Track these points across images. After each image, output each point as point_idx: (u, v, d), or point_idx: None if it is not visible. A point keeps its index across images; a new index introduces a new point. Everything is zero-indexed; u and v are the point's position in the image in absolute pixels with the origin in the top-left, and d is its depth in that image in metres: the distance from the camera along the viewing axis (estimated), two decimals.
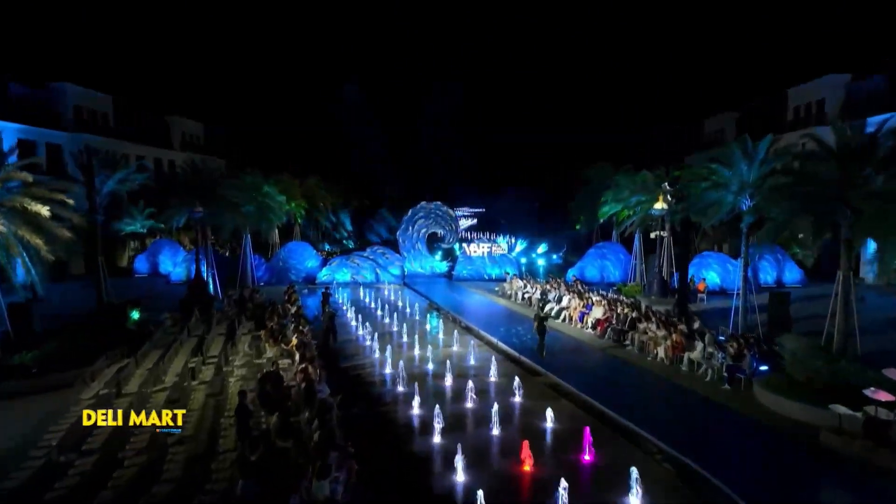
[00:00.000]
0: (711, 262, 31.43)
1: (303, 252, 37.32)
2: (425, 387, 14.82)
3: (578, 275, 35.14)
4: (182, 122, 57.72)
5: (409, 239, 39.10)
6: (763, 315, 20.15)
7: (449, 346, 19.52)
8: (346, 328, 22.51)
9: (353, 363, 17.64)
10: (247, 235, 34.79)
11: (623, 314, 20.56)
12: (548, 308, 25.20)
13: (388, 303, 28.56)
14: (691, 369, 16.47)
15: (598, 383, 15.55)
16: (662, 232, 23.88)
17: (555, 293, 25.99)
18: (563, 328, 22.64)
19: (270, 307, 21.89)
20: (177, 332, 19.92)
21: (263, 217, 34.78)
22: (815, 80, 39.90)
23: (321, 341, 20.02)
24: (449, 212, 39.29)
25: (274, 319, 19.30)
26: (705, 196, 19.42)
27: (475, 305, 28.94)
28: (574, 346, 20.19)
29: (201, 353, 17.02)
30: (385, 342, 19.28)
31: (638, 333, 19.07)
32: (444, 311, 26.67)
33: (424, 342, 19.71)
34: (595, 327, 21.45)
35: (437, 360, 17.36)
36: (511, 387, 14.15)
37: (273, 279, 35.98)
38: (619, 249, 36.02)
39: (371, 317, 24.96)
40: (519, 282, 30.29)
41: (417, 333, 20.71)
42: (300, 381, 12.83)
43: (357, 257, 36.77)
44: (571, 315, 23.22)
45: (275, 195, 35.43)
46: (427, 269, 39.19)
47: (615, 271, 35.54)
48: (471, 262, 38.13)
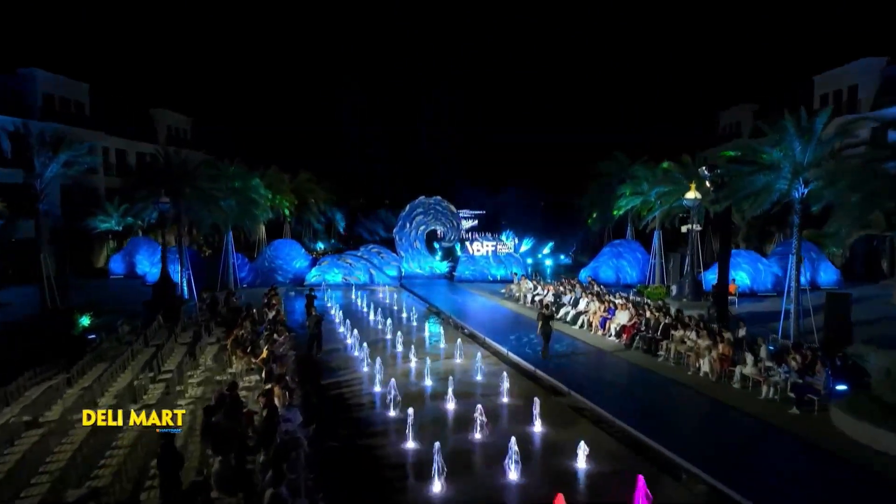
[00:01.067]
0: (740, 260, 28.71)
1: (290, 251, 34.64)
2: (423, 410, 12.15)
3: (592, 276, 32.45)
4: (168, 115, 55.22)
5: (406, 237, 36.43)
6: (806, 320, 17.57)
7: (451, 357, 16.84)
8: (333, 335, 19.85)
9: (337, 378, 14.94)
10: (228, 232, 32.14)
11: (653, 320, 17.86)
12: (562, 312, 22.54)
13: (383, 306, 25.88)
14: (744, 386, 13.79)
15: (634, 405, 12.88)
16: (696, 225, 21.24)
17: (570, 296, 23.31)
18: (582, 335, 19.95)
19: (245, 312, 19.23)
20: (133, 341, 17.22)
21: (247, 212, 32.16)
22: (847, 65, 37.29)
23: (306, 350, 17.47)
24: (450, 207, 36.64)
25: (245, 326, 16.61)
26: (751, 181, 16.73)
27: (480, 309, 26.26)
28: (597, 356, 17.51)
29: (157, 367, 14.35)
30: (377, 352, 16.63)
31: (674, 343, 16.38)
32: (444, 315, 24.00)
33: (422, 353, 17.07)
34: (620, 335, 18.77)
35: (436, 374, 14.68)
36: (529, 411, 11.48)
37: (258, 280, 33.30)
38: (636, 247, 33.34)
39: (363, 322, 22.30)
40: (528, 283, 27.62)
41: (414, 342, 18.09)
42: (262, 407, 10.14)
43: (350, 257, 34.09)
44: (591, 320, 20.53)
45: (260, 188, 32.80)
46: (426, 269, 36.51)
47: (632, 272, 32.85)
48: (474, 261, 35.45)
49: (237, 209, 31.53)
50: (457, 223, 36.69)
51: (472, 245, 35.68)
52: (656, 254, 31.37)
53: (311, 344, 17.76)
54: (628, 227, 38.03)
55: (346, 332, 19.98)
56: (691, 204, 20.00)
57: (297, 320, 21.80)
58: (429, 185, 54.87)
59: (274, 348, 14.13)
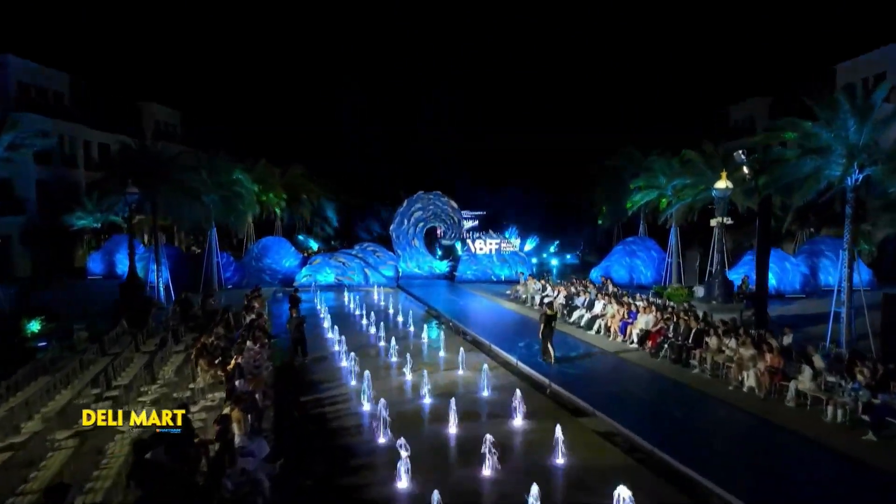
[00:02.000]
0: None
1: (279, 249, 32.60)
2: (419, 437, 10.10)
3: (601, 275, 30.40)
4: (157, 109, 53.30)
5: (404, 235, 34.38)
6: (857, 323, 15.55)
7: (452, 368, 14.78)
8: (321, 342, 17.82)
9: (319, 394, 12.89)
10: (212, 229, 30.12)
11: (683, 325, 15.81)
12: (576, 315, 20.50)
13: (378, 309, 23.84)
14: (800, 405, 11.75)
15: (673, 429, 10.83)
16: (727, 219, 19.17)
17: (583, 297, 21.25)
18: (599, 342, 17.91)
19: (220, 316, 17.23)
20: (88, 349, 15.16)
21: (232, 208, 30.15)
22: (875, 50, 35.26)
23: (288, 358, 15.51)
24: (450, 203, 34.57)
25: (217, 332, 14.58)
26: (797, 166, 14.67)
27: (483, 312, 24.23)
28: (619, 367, 15.45)
29: (106, 381, 12.31)
30: (368, 362, 14.64)
31: (709, 352, 14.32)
32: (445, 319, 21.98)
33: (420, 363, 15.05)
34: (643, 341, 16.73)
35: (436, 389, 12.64)
36: (548, 438, 9.43)
37: (244, 281, 31.27)
38: (650, 245, 31.27)
39: (354, 327, 20.27)
40: (535, 283, 25.56)
41: (411, 350, 16.05)
42: (214, 438, 8.11)
43: (343, 256, 32.04)
44: (609, 325, 18.48)
45: (246, 182, 30.76)
46: (425, 269, 34.47)
47: (647, 271, 30.80)
48: (476, 261, 33.40)
49: (221, 204, 29.58)
50: (458, 220, 34.64)
51: (475, 243, 33.63)
52: (672, 252, 29.35)
53: (294, 350, 15.78)
54: (641, 224, 36.05)
55: (335, 337, 17.96)
56: (721, 195, 17.95)
57: (282, 325, 19.73)
58: (429, 184, 53.12)
59: (243, 359, 12.08)
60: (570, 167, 51.47)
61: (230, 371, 11.17)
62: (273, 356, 15.80)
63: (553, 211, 52.22)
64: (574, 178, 48.04)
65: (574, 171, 49.27)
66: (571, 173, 50.07)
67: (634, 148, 35.28)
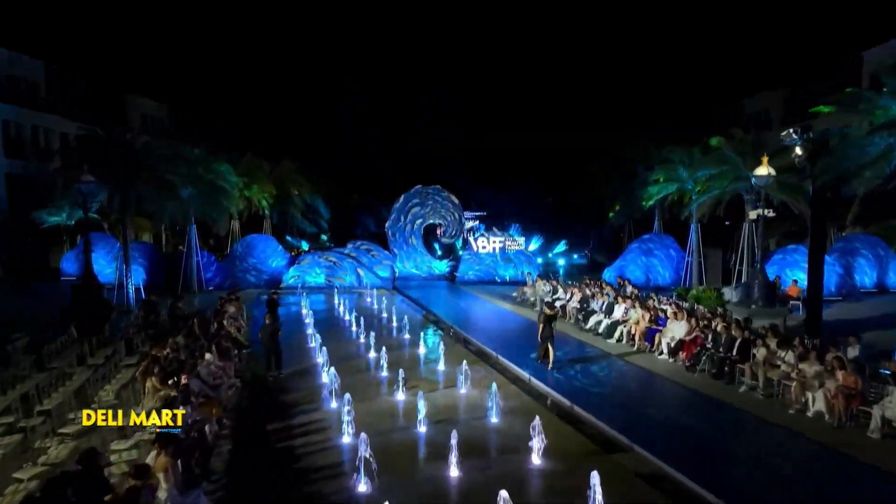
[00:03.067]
0: (798, 257, 24.42)
1: (265, 247, 30.37)
2: (409, 484, 7.89)
3: (615, 275, 28.20)
4: (142, 102, 51.17)
5: (400, 232, 32.16)
6: None
7: (453, 385, 12.54)
8: (302, 353, 15.58)
9: (290, 420, 10.65)
10: (191, 226, 27.94)
11: (725, 334, 13.59)
12: (592, 321, 18.28)
13: (370, 314, 21.71)
14: (887, 435, 9.52)
15: (739, 470, 8.62)
16: (769, 210, 16.96)
17: (601, 301, 19.02)
18: (622, 352, 15.68)
19: (183, 323, 15.03)
20: (23, 362, 12.91)
21: (213, 202, 27.94)
22: None
23: (262, 372, 13.32)
24: (451, 198, 32.35)
25: (174, 343, 12.34)
26: (863, 147, 12.45)
27: (488, 317, 22.02)
28: (651, 384, 13.23)
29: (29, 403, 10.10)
30: (354, 378, 12.46)
31: (760, 368, 12.10)
32: (445, 325, 19.78)
33: (415, 378, 12.85)
34: (675, 352, 14.51)
35: (434, 414, 10.42)
36: (579, 485, 7.18)
37: (227, 281, 29.06)
38: (669, 242, 29.02)
39: (342, 335, 18.07)
40: (545, 285, 23.32)
41: (406, 362, 13.87)
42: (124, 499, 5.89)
43: (334, 255, 29.81)
44: (634, 333, 16.25)
45: (229, 175, 28.54)
46: (423, 269, 32.25)
47: (664, 272, 28.58)
48: (479, 260, 31.18)
49: (200, 198, 27.37)
50: (458, 216, 32.40)
51: (477, 241, 31.41)
52: (693, 250, 27.13)
53: (268, 363, 13.56)
54: (656, 220, 33.84)
55: (318, 347, 15.74)
56: (762, 182, 15.73)
57: None
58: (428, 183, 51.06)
59: (196, 377, 9.85)
60: (574, 165, 49.33)
61: (170, 397, 8.93)
62: (244, 371, 13.63)
63: (557, 209, 50.17)
64: (578, 175, 45.97)
65: (578, 168, 47.23)
66: (575, 171, 47.98)
67: (647, 141, 33.18)
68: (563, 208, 49.37)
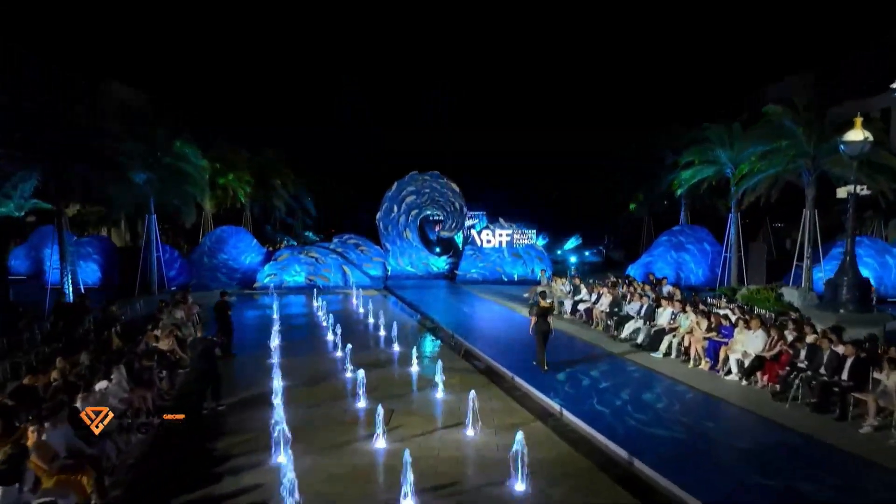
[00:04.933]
0: (860, 251, 20.96)
1: (238, 242, 26.89)
2: None
3: (643, 273, 24.77)
4: (119, 88, 47.79)
5: (393, 225, 28.68)
6: None
7: (457, 422, 9.09)
8: (260, 374, 12.06)
9: (216, 488, 7.18)
10: (151, 217, 24.46)
11: (828, 350, 10.13)
12: (628, 329, 14.87)
13: (355, 320, 18.34)
14: None
15: None
16: (861, 188, 13.46)
17: (638, 303, 15.56)
18: (675, 371, 12.22)
19: (93, 334, 11.58)
20: None
21: (176, 190, 24.49)
22: None
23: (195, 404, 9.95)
24: (451, 185, 28.87)
25: (61, 366, 8.87)
26: None
27: (497, 325, 18.56)
28: (729, 419, 9.78)
29: None
30: (316, 414, 9.08)
31: (894, 400, 8.65)
32: (445, 334, 16.36)
33: (404, 411, 9.43)
34: (750, 373, 11.07)
35: (427, 476, 6.99)
36: None
37: (192, 281, 25.59)
38: (702, 235, 25.51)
39: (314, 348, 14.60)
40: (564, 284, 19.86)
41: (391, 387, 10.49)
42: None
43: (316, 250, 26.33)
44: (688, 347, 12.79)
45: (195, 159, 25.05)
46: (419, 267, 28.80)
47: (697, 269, 25.14)
48: (483, 256, 27.73)
49: (160, 185, 23.95)
50: (460, 206, 28.90)
51: (481, 234, 27.96)
52: (731, 244, 23.68)
53: (201, 392, 10.10)
54: (682, 211, 30.45)
55: (278, 364, 12.31)
56: (856, 151, 12.26)
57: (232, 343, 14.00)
58: None
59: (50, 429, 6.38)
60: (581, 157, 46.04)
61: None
62: (170, 402, 10.18)
63: (565, 203, 46.84)
64: (588, 166, 42.71)
65: (586, 159, 44.03)
66: (583, 162, 44.72)
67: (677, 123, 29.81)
68: (571, 201, 46.04)
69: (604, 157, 38.57)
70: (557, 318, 18.43)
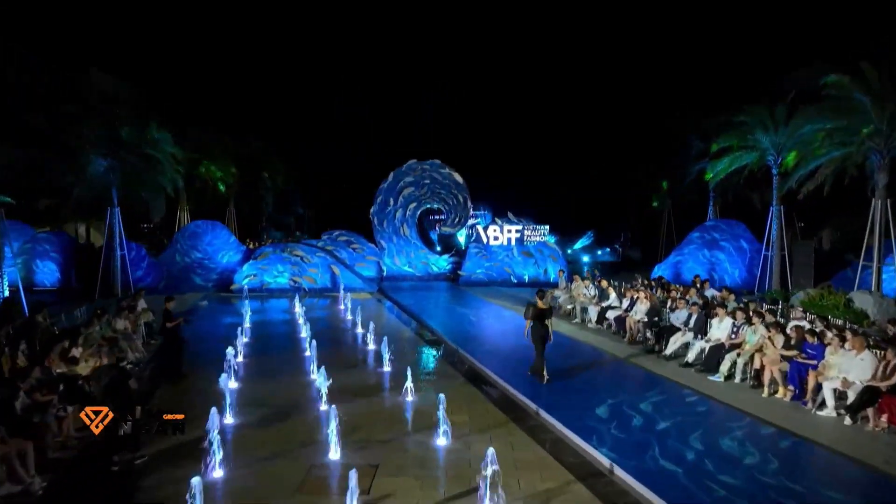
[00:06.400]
0: None
1: (214, 238, 24.17)
2: None
3: (671, 274, 22.10)
4: (99, 77, 44.96)
5: (389, 220, 25.98)
6: None
7: (468, 489, 6.37)
8: (201, 403, 9.29)
9: None
10: (114, 209, 21.81)
11: None
12: (675, 344, 12.19)
13: (337, 331, 15.68)
14: None
15: None
16: None
17: (685, 311, 12.81)
18: (742, 398, 9.53)
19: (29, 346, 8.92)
20: None
21: (141, 178, 21.86)
22: None
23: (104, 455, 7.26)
24: (453, 175, 26.15)
25: None
26: None
27: (510, 337, 15.63)
28: (829, 471, 7.06)
29: None
30: (270, 472, 6.34)
31: None
32: (449, 348, 13.64)
33: (391, 466, 6.70)
34: (857, 409, 8.37)
35: None
36: None
37: (161, 282, 22.94)
38: (739, 231, 22.73)
39: (284, 367, 11.88)
40: (589, 287, 17.13)
41: (374, 430, 7.80)
42: None
43: (302, 248, 23.63)
44: (761, 370, 10.08)
45: (165, 143, 22.37)
46: (418, 267, 26.10)
47: (733, 269, 22.41)
48: (489, 255, 25.02)
49: (122, 173, 21.32)
50: (463, 199, 26.18)
51: (487, 230, 25.24)
52: (773, 242, 20.97)
53: (114, 442, 7.37)
54: (710, 205, 27.77)
55: (233, 391, 9.63)
56: None
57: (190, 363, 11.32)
58: None
59: None
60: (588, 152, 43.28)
61: None
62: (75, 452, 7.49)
63: (576, 198, 44.16)
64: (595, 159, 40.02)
65: (594, 153, 41.33)
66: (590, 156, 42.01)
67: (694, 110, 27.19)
68: (582, 196, 43.34)
69: (618, 147, 35.97)
70: (581, 328, 15.79)
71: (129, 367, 8.01)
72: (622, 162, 34.97)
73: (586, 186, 43.45)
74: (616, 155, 36.00)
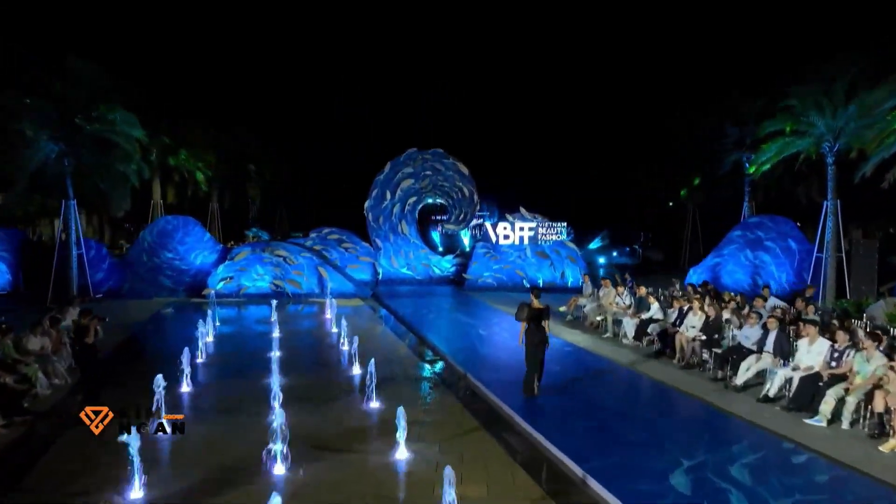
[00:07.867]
0: None
1: (185, 236, 21.47)
2: None
3: (708, 278, 19.40)
4: (78, 64, 42.55)
5: (386, 216, 23.31)
6: None
7: None
8: (110, 458, 6.63)
9: None
10: (70, 203, 19.22)
11: None
12: (747, 372, 9.53)
13: (318, 348, 13.08)
14: None
15: None
16: None
17: (757, 328, 10.12)
18: (860, 455, 6.88)
19: None
20: None
21: (101, 168, 19.26)
22: None
23: None
24: (458, 166, 23.47)
25: None
26: None
27: None
28: None
29: None
30: None
31: None
32: (456, 372, 11.00)
33: None
34: None
35: None
36: None
37: (125, 286, 20.34)
38: (787, 230, 19.92)
39: (247, 398, 9.22)
40: (623, 294, 14.44)
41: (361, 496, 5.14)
42: None
43: (286, 247, 21.00)
44: (883, 412, 7.40)
45: (131, 128, 19.73)
46: (418, 269, 23.41)
47: (779, 273, 19.69)
48: (499, 255, 22.36)
49: (78, 160, 18.76)
50: (469, 193, 23.50)
51: (497, 227, 22.57)
52: (827, 243, 18.23)
53: None
54: (745, 201, 25.13)
55: (165, 440, 7.01)
56: None
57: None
58: None
59: None
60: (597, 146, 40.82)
61: None
62: None
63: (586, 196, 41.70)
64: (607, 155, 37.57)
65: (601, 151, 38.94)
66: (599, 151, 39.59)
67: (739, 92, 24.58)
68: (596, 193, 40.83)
69: (640, 137, 33.39)
70: (614, 344, 13.11)
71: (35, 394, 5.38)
72: (622, 162, 32.72)
73: (588, 186, 41.26)
74: (619, 155, 33.70)
